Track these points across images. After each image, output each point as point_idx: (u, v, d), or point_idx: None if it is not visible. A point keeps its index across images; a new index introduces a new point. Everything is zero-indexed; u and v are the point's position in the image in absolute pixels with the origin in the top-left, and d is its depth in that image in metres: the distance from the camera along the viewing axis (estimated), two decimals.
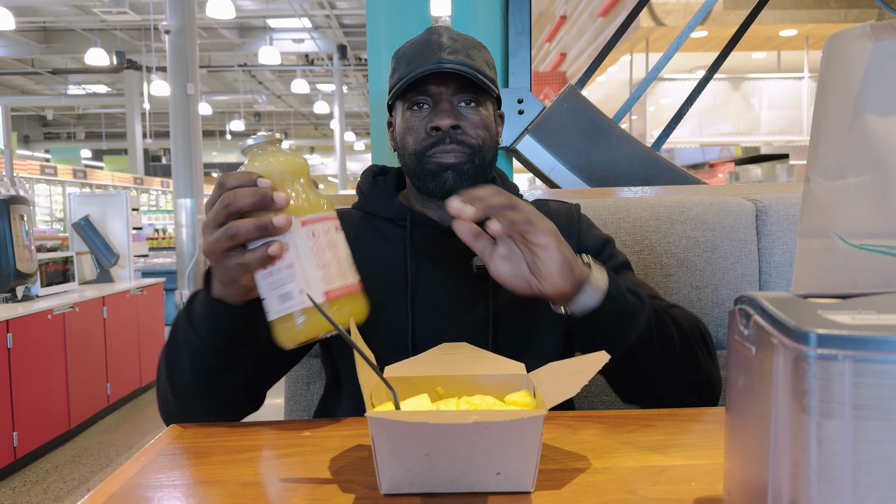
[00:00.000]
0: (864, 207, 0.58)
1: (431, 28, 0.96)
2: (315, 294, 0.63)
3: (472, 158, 0.92)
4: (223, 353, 0.74)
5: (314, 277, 0.64)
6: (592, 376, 0.57)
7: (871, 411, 0.34)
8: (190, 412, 0.78)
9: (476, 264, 0.92)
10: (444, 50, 0.91)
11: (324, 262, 0.65)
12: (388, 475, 0.51)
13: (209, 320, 0.73)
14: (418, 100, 0.92)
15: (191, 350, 0.75)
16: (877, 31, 0.59)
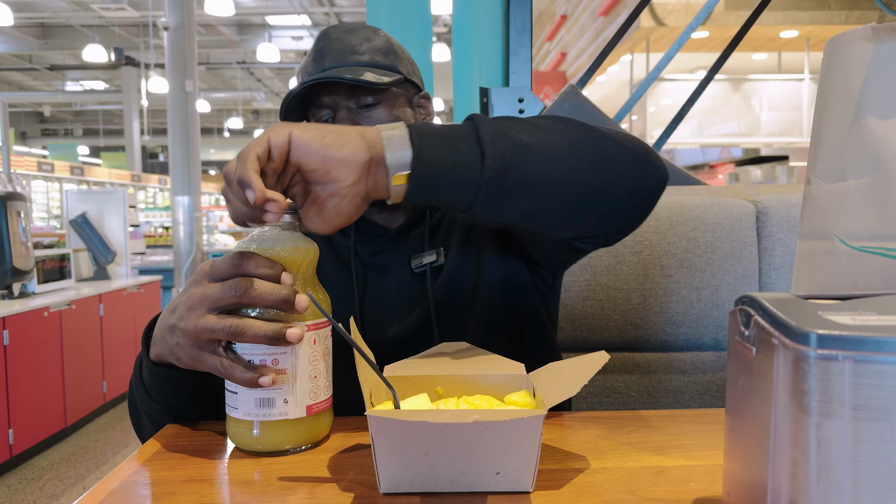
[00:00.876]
0: (864, 209, 0.58)
1: (320, 34, 0.92)
2: (297, 408, 0.59)
3: None
4: (179, 411, 0.70)
5: (302, 390, 0.59)
6: (592, 376, 0.57)
7: (870, 412, 0.34)
8: None
9: (413, 265, 0.91)
10: (327, 56, 0.88)
11: (315, 373, 0.60)
12: (387, 474, 0.51)
13: (157, 387, 0.68)
14: (320, 113, 0.89)
15: (148, 412, 0.71)
16: (877, 33, 0.59)
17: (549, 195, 0.65)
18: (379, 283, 0.93)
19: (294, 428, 0.60)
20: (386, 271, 0.93)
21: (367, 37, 0.90)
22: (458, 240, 0.92)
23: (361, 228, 0.95)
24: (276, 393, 0.59)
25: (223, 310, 0.58)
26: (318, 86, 0.86)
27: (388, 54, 0.90)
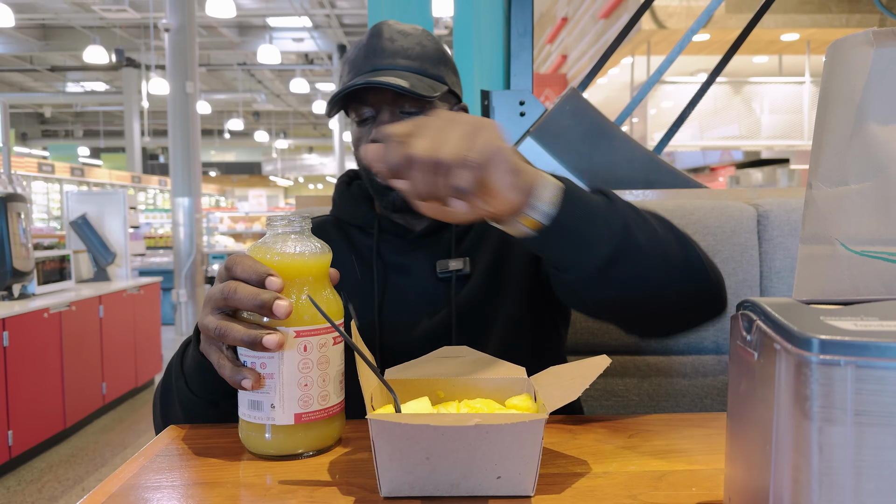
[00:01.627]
0: (865, 214, 0.58)
1: (374, 28, 0.92)
2: (285, 415, 0.59)
3: None
4: (215, 406, 0.71)
5: (290, 396, 0.59)
6: (594, 380, 0.57)
7: (872, 417, 0.34)
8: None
9: (438, 270, 0.92)
10: (380, 54, 0.88)
11: (307, 381, 0.59)
12: (388, 478, 0.51)
13: (198, 375, 0.69)
14: (362, 111, 0.89)
15: (184, 402, 0.72)
16: (879, 37, 0.59)
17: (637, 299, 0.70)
18: (399, 284, 0.93)
19: (291, 435, 0.60)
20: (407, 273, 0.93)
21: (421, 42, 0.91)
22: (489, 254, 0.93)
23: (384, 227, 0.95)
24: (263, 397, 0.59)
25: (222, 310, 0.60)
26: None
27: (438, 64, 0.91)
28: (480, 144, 0.55)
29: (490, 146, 0.55)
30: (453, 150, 0.54)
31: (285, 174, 23.97)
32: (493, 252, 0.93)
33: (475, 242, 0.94)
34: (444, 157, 0.54)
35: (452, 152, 0.54)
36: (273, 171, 23.28)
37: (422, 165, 0.54)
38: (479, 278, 0.91)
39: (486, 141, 0.55)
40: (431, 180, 0.54)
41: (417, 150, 0.54)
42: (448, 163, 0.54)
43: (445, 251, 0.93)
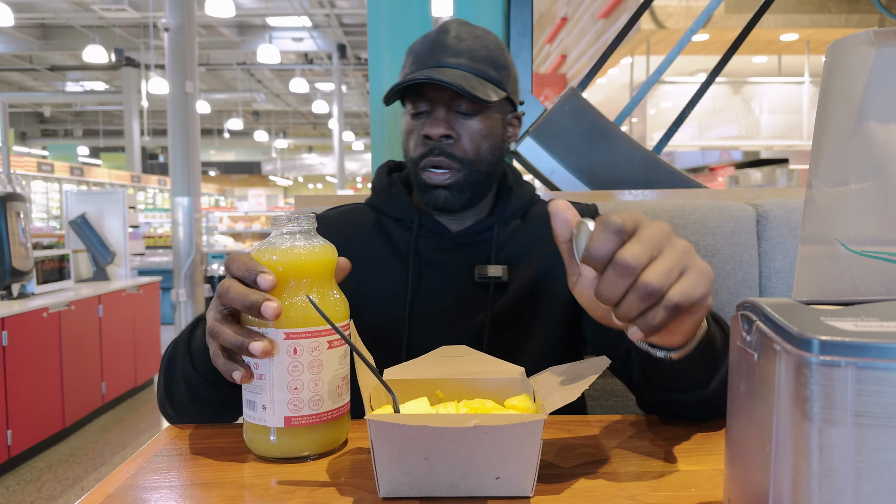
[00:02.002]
0: (865, 214, 0.58)
1: (443, 24, 0.93)
2: (275, 417, 0.59)
3: (464, 175, 0.90)
4: (218, 388, 0.71)
5: (280, 399, 0.58)
6: (593, 381, 0.57)
7: (872, 418, 0.34)
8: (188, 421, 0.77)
9: (477, 275, 0.91)
10: (447, 51, 0.89)
11: (296, 385, 0.58)
12: (386, 478, 0.51)
13: (203, 356, 0.69)
14: (419, 104, 0.90)
15: (187, 380, 0.72)
16: (880, 37, 0.59)
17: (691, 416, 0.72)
18: (434, 282, 0.93)
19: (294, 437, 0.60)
20: (443, 272, 0.93)
21: (487, 45, 0.91)
22: (530, 269, 0.93)
23: (423, 224, 0.95)
24: (256, 397, 0.59)
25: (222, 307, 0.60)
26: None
27: (501, 70, 0.92)
28: (699, 293, 0.52)
29: (704, 297, 0.53)
30: (681, 294, 0.51)
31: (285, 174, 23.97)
32: (536, 268, 0.93)
33: (516, 253, 0.94)
34: (671, 296, 0.51)
35: (680, 296, 0.51)
36: (272, 170, 23.28)
37: (641, 291, 0.50)
38: (518, 290, 0.92)
39: (705, 290, 0.53)
40: (635, 303, 0.51)
41: (650, 277, 0.50)
42: (669, 303, 0.51)
43: (485, 257, 0.94)
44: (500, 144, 0.94)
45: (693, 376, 0.66)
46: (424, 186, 0.91)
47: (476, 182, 0.91)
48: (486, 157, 0.91)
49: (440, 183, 0.89)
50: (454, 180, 0.89)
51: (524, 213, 0.99)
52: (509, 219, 0.96)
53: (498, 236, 0.94)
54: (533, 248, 0.95)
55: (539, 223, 0.97)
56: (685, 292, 0.51)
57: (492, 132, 0.91)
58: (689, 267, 0.52)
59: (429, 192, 0.91)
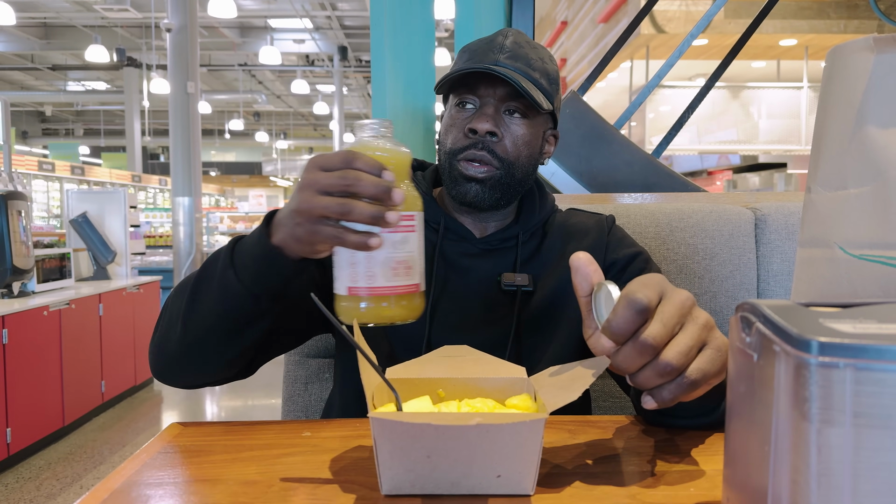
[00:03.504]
0: (864, 218, 0.59)
1: (505, 30, 0.94)
2: (341, 286, 0.66)
3: (501, 174, 0.90)
4: (258, 301, 0.73)
5: (343, 272, 0.66)
6: (593, 381, 0.57)
7: (870, 419, 0.35)
8: (190, 358, 0.77)
9: (504, 282, 0.92)
10: (504, 52, 0.90)
11: (353, 261, 0.65)
12: (389, 476, 0.52)
13: (259, 266, 0.71)
14: (466, 98, 0.91)
15: (226, 292, 0.73)
16: (879, 44, 0.60)
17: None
18: (458, 286, 0.93)
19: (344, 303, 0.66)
20: (467, 277, 0.93)
21: (543, 58, 0.93)
22: (554, 279, 0.94)
23: (449, 226, 0.95)
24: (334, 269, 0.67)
25: (331, 194, 0.63)
26: (480, 73, 0.88)
27: (552, 83, 0.93)
28: (715, 369, 0.54)
29: (720, 372, 0.54)
30: (699, 372, 0.52)
31: (285, 175, 23.97)
32: (556, 278, 0.94)
33: (538, 263, 0.95)
34: (689, 374, 0.52)
35: (697, 374, 0.52)
36: (273, 171, 23.28)
37: (659, 368, 0.51)
38: (544, 298, 0.93)
39: (721, 366, 0.54)
40: (652, 377, 0.52)
41: (669, 356, 0.51)
42: (686, 381, 0.52)
43: (509, 264, 0.94)
44: (536, 156, 0.95)
45: (698, 407, 0.67)
46: (457, 178, 0.91)
47: (508, 185, 0.92)
48: (523, 164, 0.92)
49: (475, 176, 0.90)
50: (489, 176, 0.90)
51: (545, 222, 1.00)
52: (532, 228, 0.98)
53: (522, 245, 0.96)
54: (554, 259, 0.96)
55: (559, 234, 0.99)
56: (703, 370, 0.52)
57: (532, 141, 0.92)
58: (708, 343, 0.54)
59: (461, 184, 0.91)
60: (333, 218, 0.63)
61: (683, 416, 0.69)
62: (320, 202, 0.63)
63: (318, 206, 0.63)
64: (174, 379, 0.82)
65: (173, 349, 0.78)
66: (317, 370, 1.23)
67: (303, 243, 0.67)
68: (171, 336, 0.78)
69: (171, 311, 0.79)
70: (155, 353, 0.81)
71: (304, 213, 0.64)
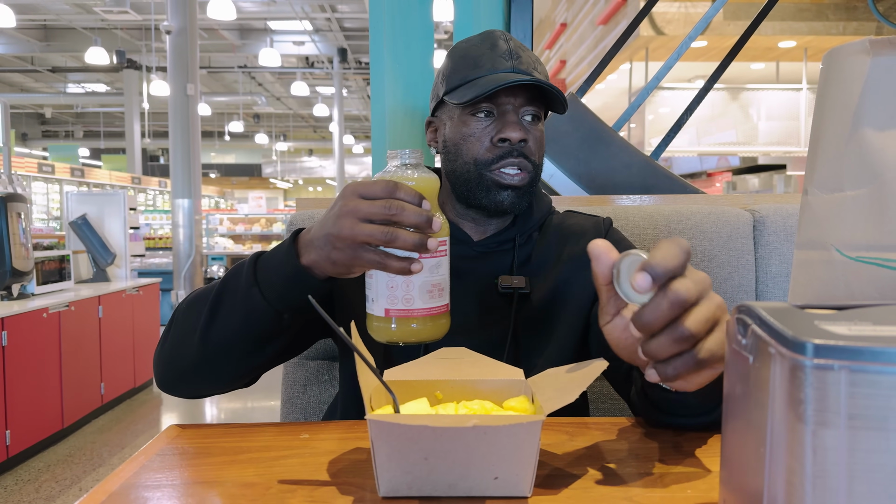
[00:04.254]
0: (861, 220, 0.59)
1: (495, 32, 0.94)
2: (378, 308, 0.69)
3: (532, 177, 0.92)
4: (280, 319, 0.75)
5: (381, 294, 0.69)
6: (591, 382, 0.58)
7: (865, 421, 0.35)
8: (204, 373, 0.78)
9: (501, 285, 0.92)
10: (515, 58, 0.91)
11: (392, 284, 0.68)
12: (386, 478, 0.52)
13: (287, 285, 0.72)
14: (483, 107, 0.90)
15: (250, 309, 0.74)
16: (875, 46, 0.60)
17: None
18: (455, 289, 0.93)
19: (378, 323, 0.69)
20: (463, 279, 0.93)
21: (538, 59, 0.95)
22: (550, 281, 0.94)
23: None
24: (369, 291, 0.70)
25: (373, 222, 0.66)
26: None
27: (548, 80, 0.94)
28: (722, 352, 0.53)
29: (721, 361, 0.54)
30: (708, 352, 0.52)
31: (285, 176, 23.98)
32: (554, 280, 0.94)
33: (535, 265, 0.96)
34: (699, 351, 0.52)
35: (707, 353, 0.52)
36: (273, 173, 23.29)
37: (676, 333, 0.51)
38: (541, 300, 0.93)
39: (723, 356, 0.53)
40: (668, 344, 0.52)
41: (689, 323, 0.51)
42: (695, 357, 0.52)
43: (506, 266, 0.95)
44: (544, 155, 0.97)
45: (698, 405, 0.67)
46: (490, 187, 0.91)
47: (535, 187, 0.94)
48: (541, 165, 0.94)
49: (514, 184, 0.90)
50: (525, 182, 0.91)
51: (542, 224, 1.00)
52: (529, 230, 0.98)
53: (519, 247, 0.96)
54: (551, 260, 0.96)
55: (556, 236, 0.99)
56: (711, 350, 0.53)
57: (544, 141, 0.95)
58: (718, 324, 0.54)
59: (495, 193, 0.91)
60: (375, 244, 0.65)
61: (684, 415, 0.69)
62: (364, 229, 0.65)
63: (361, 233, 0.65)
64: (183, 391, 0.83)
65: (186, 363, 0.78)
66: (315, 372, 1.23)
67: (339, 266, 0.69)
68: (185, 351, 0.78)
69: (184, 326, 0.79)
70: (164, 366, 0.81)
71: (347, 238, 0.66)
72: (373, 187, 0.66)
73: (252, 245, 9.77)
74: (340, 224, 0.66)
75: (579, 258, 0.95)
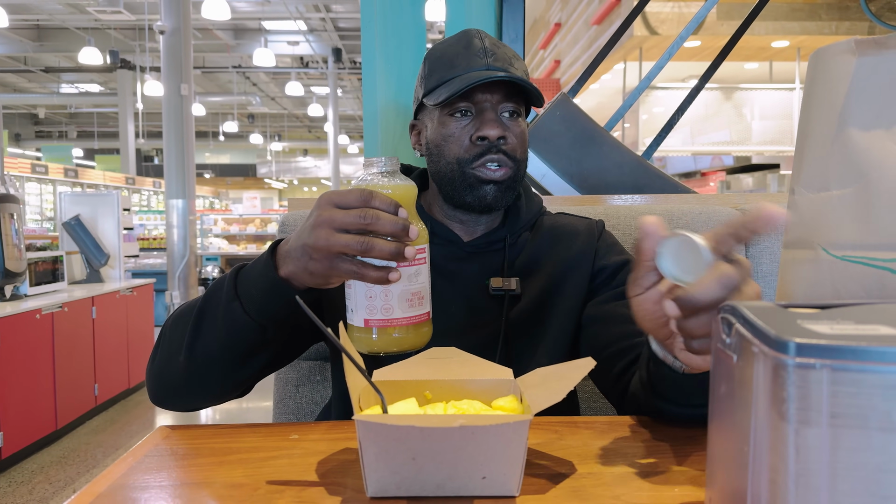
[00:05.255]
0: (846, 219, 0.59)
1: (470, 31, 0.94)
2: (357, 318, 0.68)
3: (512, 173, 0.91)
4: (264, 332, 0.74)
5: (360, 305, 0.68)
6: (578, 381, 0.58)
7: (847, 419, 0.35)
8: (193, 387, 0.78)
9: (492, 287, 0.92)
10: (490, 56, 0.90)
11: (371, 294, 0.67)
12: (374, 478, 0.52)
13: (266, 298, 0.72)
14: (460, 107, 0.90)
15: (231, 324, 0.74)
16: (861, 46, 0.60)
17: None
18: (445, 290, 0.93)
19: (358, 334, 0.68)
20: (454, 281, 0.93)
21: (515, 55, 0.94)
22: (541, 281, 0.94)
23: (436, 231, 0.96)
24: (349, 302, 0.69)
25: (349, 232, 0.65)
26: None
27: (526, 75, 0.94)
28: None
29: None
30: None
31: (280, 176, 23.94)
32: (545, 280, 0.94)
33: (526, 265, 0.96)
34: None
35: None
36: (267, 173, 23.25)
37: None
38: (529, 302, 0.93)
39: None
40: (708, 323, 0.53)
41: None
42: None
43: (497, 268, 0.95)
44: (527, 151, 0.96)
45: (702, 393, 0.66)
46: (472, 183, 0.91)
47: (517, 183, 0.93)
48: (523, 160, 0.94)
49: (496, 178, 0.90)
50: (507, 176, 0.91)
51: (532, 224, 1.00)
52: (520, 230, 0.98)
53: (510, 248, 0.96)
54: (542, 260, 0.96)
55: (547, 236, 0.99)
56: None
57: (526, 136, 0.94)
58: None
59: (477, 188, 0.91)
60: (352, 255, 0.65)
61: (685, 404, 0.68)
62: (339, 240, 0.64)
63: (337, 243, 0.64)
64: (175, 405, 0.82)
65: (175, 378, 0.78)
66: (308, 373, 1.23)
67: (316, 277, 0.68)
68: (173, 366, 0.78)
69: (172, 341, 0.79)
70: (155, 381, 0.81)
71: (322, 249, 0.65)
72: (347, 196, 0.65)
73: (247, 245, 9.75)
74: (316, 235, 0.65)
75: (571, 260, 0.95)
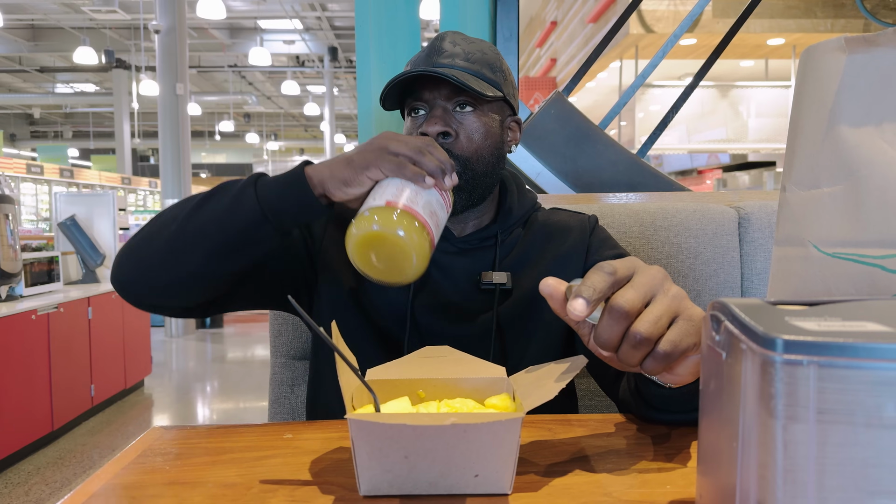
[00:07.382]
0: (837, 216, 0.59)
1: (444, 34, 0.95)
2: (380, 201, 0.71)
3: (462, 171, 0.89)
4: (263, 224, 0.76)
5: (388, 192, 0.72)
6: (570, 379, 0.58)
7: (834, 415, 0.35)
8: (167, 265, 0.78)
9: (483, 281, 0.92)
10: (441, 55, 0.91)
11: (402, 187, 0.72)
12: (367, 477, 0.52)
13: (281, 190, 0.75)
14: (415, 105, 0.91)
15: (237, 206, 0.76)
16: (851, 44, 0.60)
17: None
18: (436, 284, 0.93)
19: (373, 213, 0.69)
20: (446, 275, 0.94)
21: (482, 49, 0.93)
22: (533, 276, 0.94)
23: None
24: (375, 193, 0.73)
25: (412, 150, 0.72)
26: (422, 79, 0.89)
27: (496, 71, 0.93)
28: (688, 342, 0.54)
29: (696, 344, 0.55)
30: (670, 343, 0.53)
31: None
32: (537, 276, 0.94)
33: (518, 261, 0.96)
34: (660, 346, 0.53)
35: (669, 346, 0.53)
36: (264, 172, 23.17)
37: (632, 340, 0.52)
38: (524, 296, 0.93)
39: (696, 338, 0.54)
40: (630, 351, 0.53)
41: (639, 326, 0.52)
42: (658, 353, 0.53)
43: (488, 263, 0.95)
44: (499, 146, 0.94)
45: (691, 401, 0.66)
46: None
47: (475, 182, 0.91)
48: (485, 157, 0.91)
49: None
50: None
51: (525, 220, 1.00)
52: (512, 227, 0.98)
53: (502, 244, 0.96)
54: (534, 256, 0.96)
55: (540, 232, 0.99)
56: (673, 341, 0.53)
57: (490, 132, 0.91)
58: (680, 314, 0.54)
59: None
60: (407, 157, 0.71)
61: (677, 411, 0.69)
62: (394, 145, 0.72)
63: (407, 143, 0.72)
64: (138, 289, 0.81)
65: (152, 253, 0.78)
66: (303, 372, 1.23)
67: (346, 184, 0.72)
68: (156, 241, 0.78)
69: (164, 217, 0.80)
70: (125, 256, 0.80)
71: (377, 148, 0.72)
72: (410, 137, 0.73)
73: None
74: (372, 142, 0.73)
75: (564, 255, 0.96)
